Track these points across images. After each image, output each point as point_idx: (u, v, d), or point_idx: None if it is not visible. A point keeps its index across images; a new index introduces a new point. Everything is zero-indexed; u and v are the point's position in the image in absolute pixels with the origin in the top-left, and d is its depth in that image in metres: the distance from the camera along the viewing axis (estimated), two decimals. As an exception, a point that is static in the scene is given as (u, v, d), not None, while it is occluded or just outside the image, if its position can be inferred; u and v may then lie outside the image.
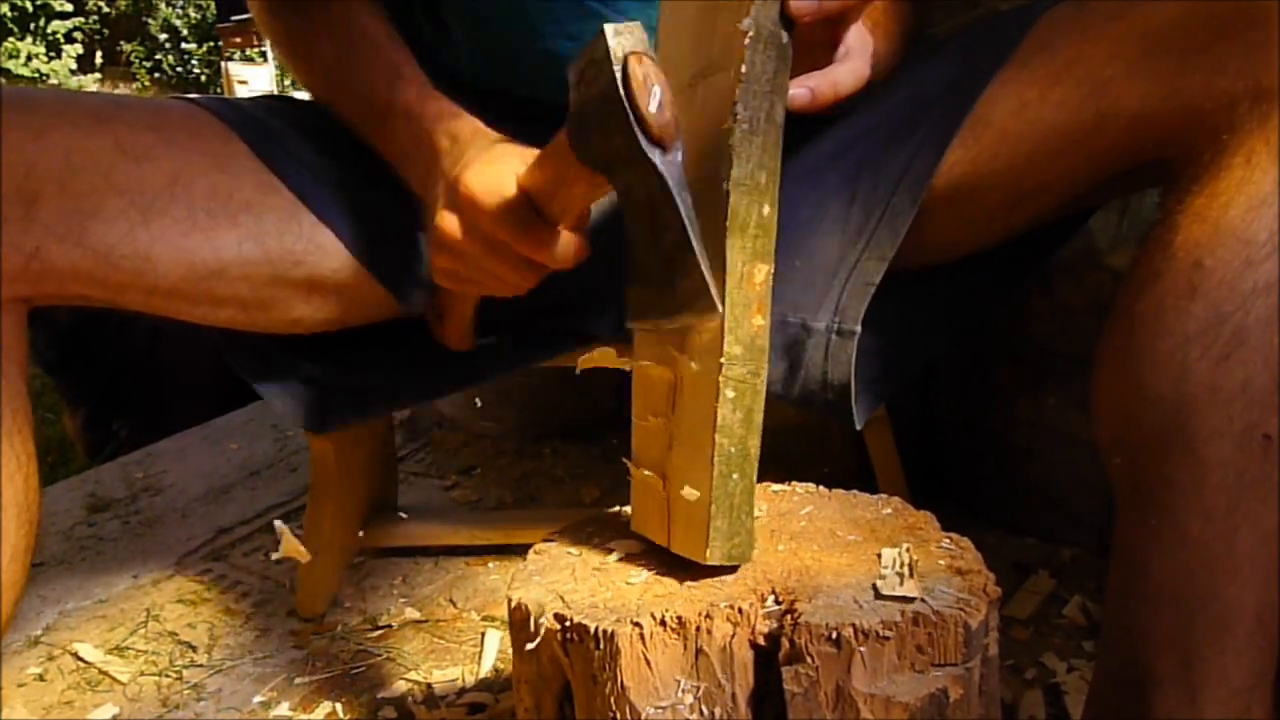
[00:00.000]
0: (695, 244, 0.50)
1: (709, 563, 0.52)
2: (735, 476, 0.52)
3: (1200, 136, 0.58)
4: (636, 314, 0.56)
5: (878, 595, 0.51)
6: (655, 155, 0.50)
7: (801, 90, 0.53)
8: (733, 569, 0.54)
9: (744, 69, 0.50)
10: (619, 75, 0.50)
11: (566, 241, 0.61)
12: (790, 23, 0.51)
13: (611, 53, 0.50)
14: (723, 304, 0.50)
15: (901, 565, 0.53)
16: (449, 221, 0.63)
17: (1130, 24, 0.62)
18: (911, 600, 0.50)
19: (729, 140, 0.50)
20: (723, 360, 0.50)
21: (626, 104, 0.50)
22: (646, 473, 0.57)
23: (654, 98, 0.50)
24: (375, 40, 0.75)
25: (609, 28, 0.51)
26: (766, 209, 0.51)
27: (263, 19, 0.82)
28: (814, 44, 0.55)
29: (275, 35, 0.81)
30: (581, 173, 0.56)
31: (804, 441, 1.22)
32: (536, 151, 0.61)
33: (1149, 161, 0.64)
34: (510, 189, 0.60)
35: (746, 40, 0.50)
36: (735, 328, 0.51)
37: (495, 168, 0.61)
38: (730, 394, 0.51)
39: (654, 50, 0.52)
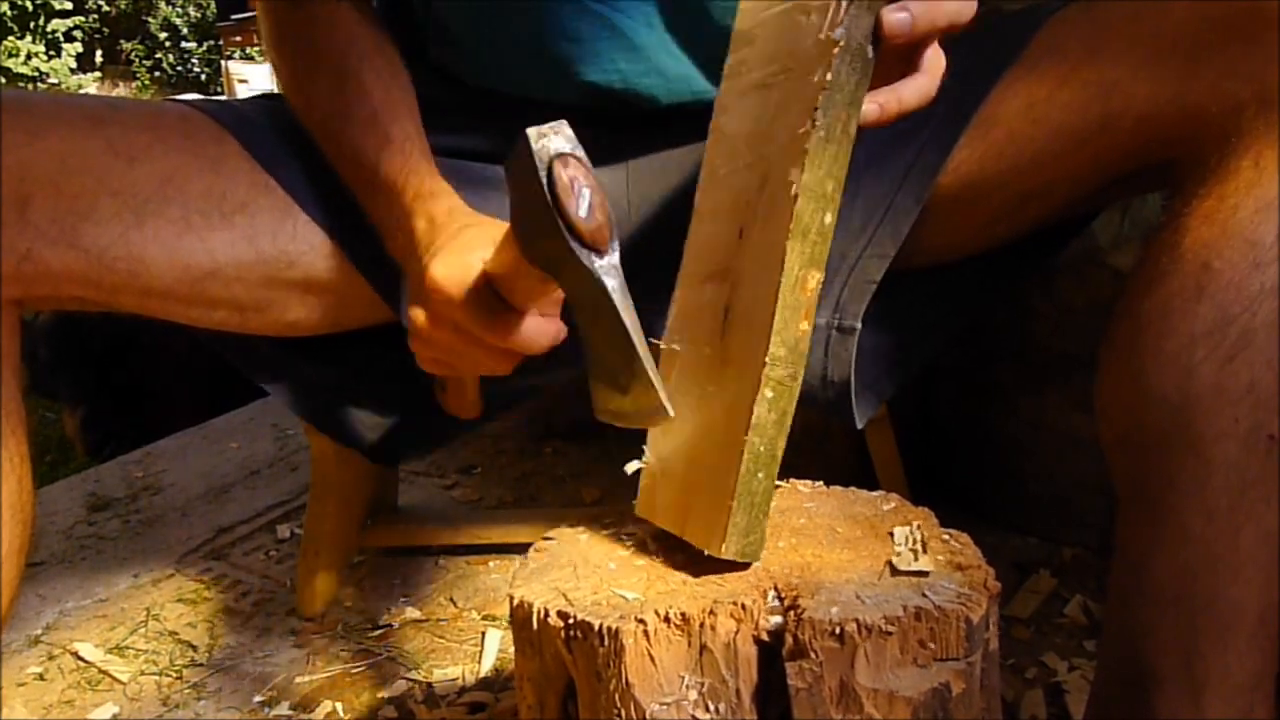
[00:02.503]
0: (639, 348, 0.50)
1: (723, 556, 0.52)
2: (760, 475, 0.52)
3: (1207, 139, 0.58)
4: (599, 409, 0.56)
5: (894, 571, 0.52)
6: (590, 259, 0.50)
7: (871, 106, 0.53)
8: (742, 565, 0.54)
9: (829, 77, 0.50)
10: (544, 181, 0.49)
11: (533, 326, 0.59)
12: (879, 39, 0.51)
13: (535, 157, 0.49)
14: (670, 409, 0.51)
15: (915, 543, 0.54)
16: (418, 315, 0.64)
17: (1139, 27, 0.62)
18: (926, 574, 0.51)
19: (804, 145, 0.50)
20: (766, 360, 0.51)
21: (555, 210, 0.49)
22: (658, 460, 0.57)
23: (582, 202, 0.49)
24: (371, 100, 0.73)
25: (532, 131, 0.50)
26: (829, 218, 0.51)
27: (268, 46, 0.81)
28: (890, 59, 0.55)
29: (277, 68, 0.80)
30: (534, 271, 0.55)
31: (804, 441, 1.22)
32: (504, 230, 0.61)
33: (1154, 164, 0.64)
34: (472, 278, 0.60)
35: (836, 50, 0.50)
36: (782, 330, 0.51)
37: (460, 257, 0.61)
38: (769, 394, 0.51)
39: (579, 150, 0.51)
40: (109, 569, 1.27)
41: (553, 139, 0.50)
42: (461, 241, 0.62)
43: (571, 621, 0.50)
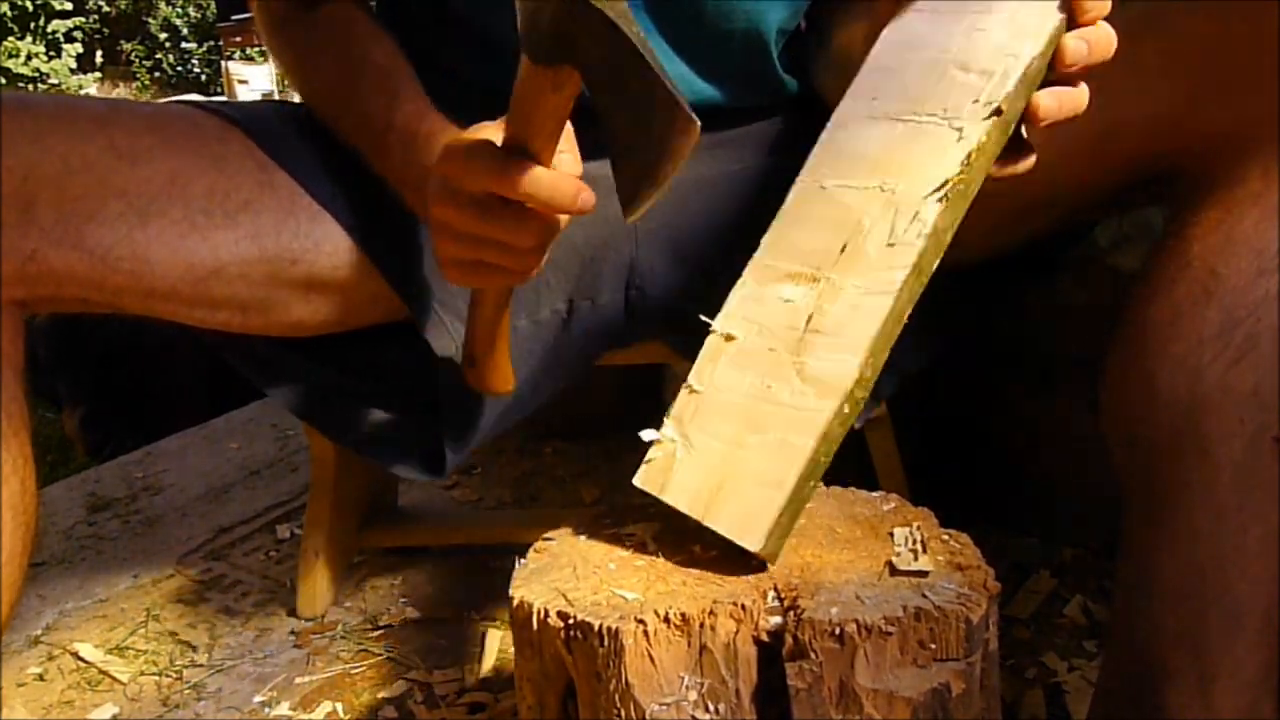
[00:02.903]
0: (652, 62, 0.50)
1: (756, 551, 0.52)
2: (811, 484, 0.53)
3: (1214, 151, 0.59)
4: (629, 197, 0.54)
5: (893, 571, 0.52)
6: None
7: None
8: (737, 564, 0.54)
9: (982, 139, 0.54)
10: None
11: (555, 177, 0.57)
12: (1026, 118, 0.55)
13: None
14: (694, 115, 0.51)
15: (915, 543, 0.54)
16: (437, 203, 0.61)
17: (1148, 38, 0.63)
18: (926, 574, 0.51)
19: (947, 193, 0.54)
20: (855, 377, 0.52)
21: None
22: (683, 437, 0.57)
23: None
24: (377, 63, 0.74)
25: None
26: (936, 262, 0.55)
27: (267, 34, 0.82)
28: None
29: (279, 51, 0.81)
30: (545, 78, 0.54)
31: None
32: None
33: (1159, 175, 0.65)
34: (487, 135, 0.59)
35: (996, 118, 0.53)
36: (875, 356, 0.53)
37: (469, 136, 0.60)
38: (846, 410, 0.53)
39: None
40: (109, 569, 1.27)
41: None
42: (474, 127, 0.62)
43: (571, 622, 0.50)
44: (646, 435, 0.58)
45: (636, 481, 0.58)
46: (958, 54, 0.56)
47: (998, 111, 0.53)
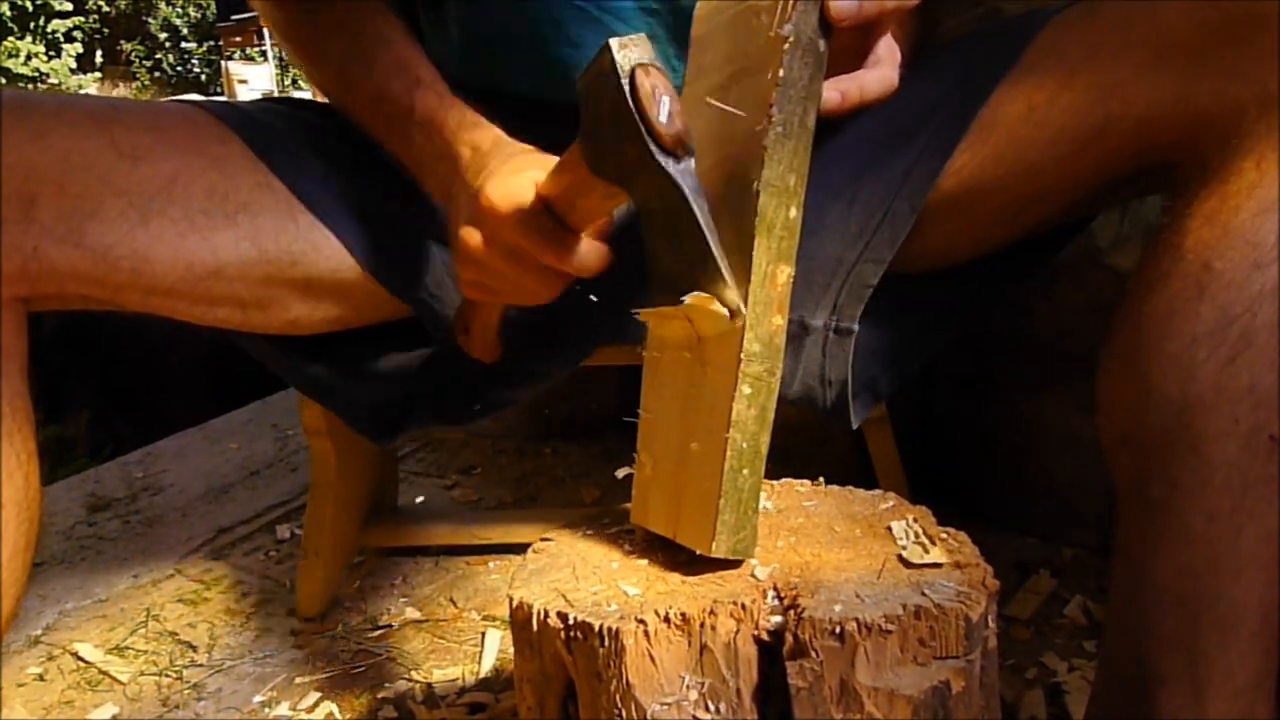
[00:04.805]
0: (715, 250, 0.51)
1: (713, 555, 0.52)
2: (745, 472, 0.52)
3: (1208, 141, 0.58)
4: (663, 291, 0.56)
5: (906, 565, 0.52)
6: (670, 165, 0.51)
7: (832, 94, 0.54)
8: (735, 564, 0.54)
9: (782, 73, 0.50)
10: (627, 88, 0.50)
11: (588, 249, 0.60)
12: (829, 30, 0.51)
13: (618, 66, 0.50)
14: (745, 306, 0.51)
15: (918, 536, 0.54)
16: (471, 235, 0.63)
17: (1140, 29, 0.62)
18: (939, 566, 0.51)
19: (762, 142, 0.50)
20: (741, 357, 0.51)
21: (637, 116, 0.50)
22: (650, 462, 0.58)
23: (663, 108, 0.50)
24: (389, 40, 0.74)
25: (614, 41, 0.51)
26: (794, 211, 0.52)
27: (269, 16, 0.81)
28: (844, 50, 0.55)
29: (283, 33, 0.80)
30: (597, 184, 0.56)
31: (804, 440, 1.22)
32: (553, 159, 0.61)
33: (1155, 167, 0.64)
34: (529, 198, 0.60)
35: (786, 45, 0.50)
36: (756, 326, 0.51)
37: (516, 179, 0.61)
38: (747, 390, 0.51)
39: (658, 62, 0.52)
40: (109, 569, 1.27)
41: (633, 50, 0.51)
42: (514, 165, 0.62)
43: (571, 622, 0.50)
44: (620, 473, 0.60)
45: (633, 520, 0.60)
46: (752, 3, 0.54)
47: (784, 40, 0.50)
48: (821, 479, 0.65)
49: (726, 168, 0.54)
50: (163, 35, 11.21)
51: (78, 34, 10.47)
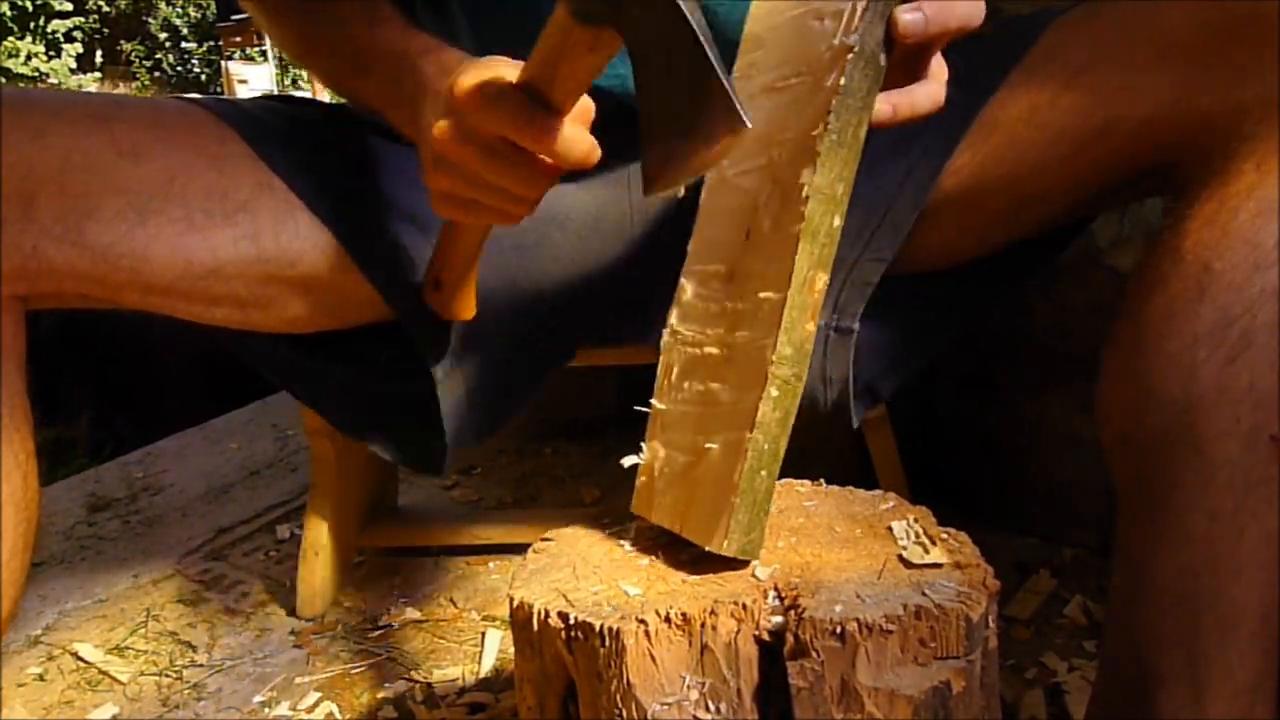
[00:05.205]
0: (715, 60, 0.48)
1: (723, 553, 0.52)
2: (763, 473, 0.53)
3: (1209, 143, 0.58)
4: (655, 174, 0.52)
5: (907, 565, 0.52)
6: None
7: (884, 106, 0.53)
8: (737, 563, 0.54)
9: (843, 82, 0.50)
10: None
11: (572, 132, 0.55)
12: (891, 44, 0.52)
13: None
14: (749, 118, 0.48)
15: (918, 536, 0.54)
16: (443, 130, 0.58)
17: (1141, 31, 0.63)
18: (940, 566, 0.51)
19: (816, 148, 0.51)
20: (774, 359, 0.51)
21: None
22: (658, 454, 0.58)
23: None
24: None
25: None
26: (837, 220, 0.52)
27: None
28: (897, 64, 0.55)
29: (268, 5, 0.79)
30: (583, 38, 0.52)
31: (805, 440, 1.22)
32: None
33: (1156, 169, 0.65)
34: (507, 83, 0.55)
35: (849, 55, 0.50)
36: (790, 330, 0.51)
37: (490, 69, 0.57)
38: (774, 393, 0.52)
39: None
40: (109, 569, 1.27)
41: None
42: (487, 60, 0.58)
43: (572, 622, 0.50)
44: (627, 462, 0.59)
45: (633, 509, 0.59)
46: (815, 6, 0.54)
47: (848, 50, 0.50)
48: (822, 479, 0.65)
49: (773, 170, 0.54)
50: (163, 35, 11.21)
51: (78, 34, 10.47)
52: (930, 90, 0.56)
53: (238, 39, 8.87)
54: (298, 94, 0.83)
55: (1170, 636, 0.56)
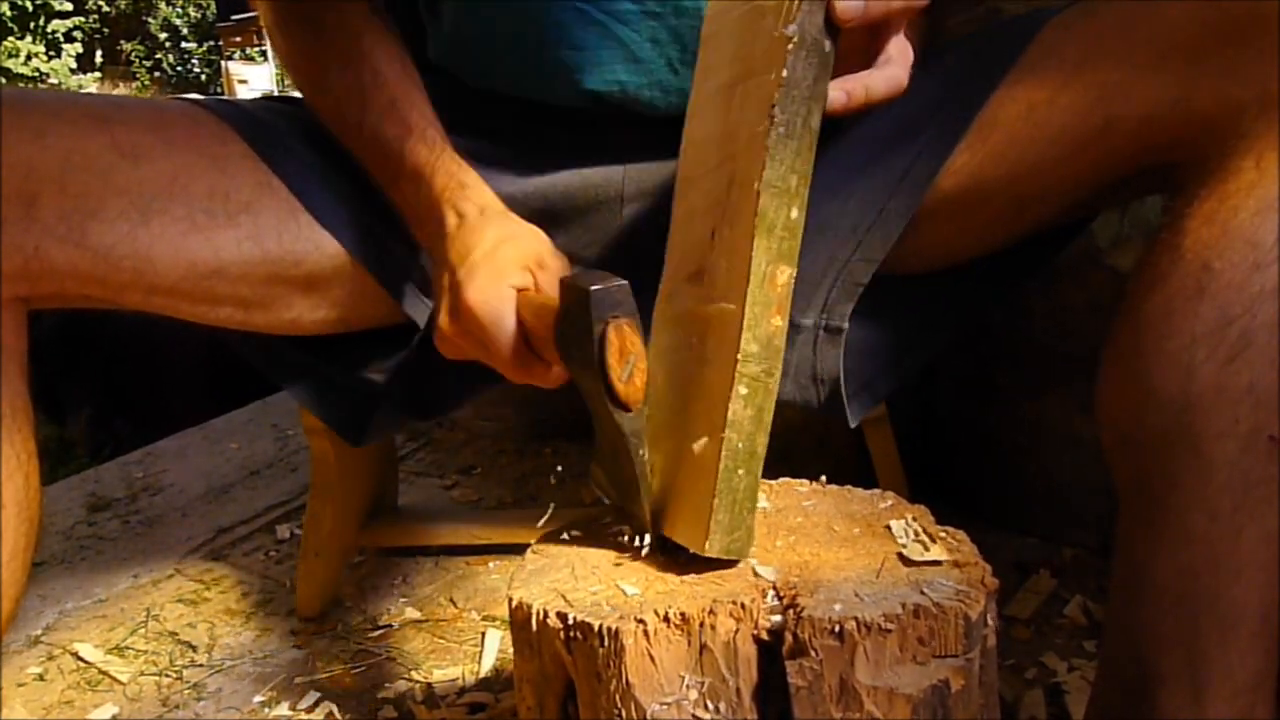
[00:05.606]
0: (642, 488, 0.55)
1: (707, 554, 0.52)
2: (741, 472, 0.52)
3: (1208, 141, 0.58)
4: (595, 480, 0.60)
5: (907, 562, 0.52)
6: (619, 415, 0.54)
7: (837, 94, 0.53)
8: (734, 563, 0.54)
9: (785, 74, 0.50)
10: (596, 343, 0.53)
11: (557, 374, 0.63)
12: (835, 30, 0.51)
13: (593, 315, 0.52)
14: (653, 535, 0.56)
15: (917, 534, 0.54)
16: (450, 326, 0.66)
17: (1139, 30, 0.63)
18: (939, 563, 0.51)
19: (764, 142, 0.50)
20: (739, 357, 0.51)
21: (601, 373, 0.53)
22: (654, 458, 0.58)
23: (626, 369, 0.53)
24: (384, 79, 0.73)
25: (597, 290, 0.52)
26: (794, 212, 0.52)
27: (275, 37, 0.81)
28: (854, 50, 0.55)
29: (287, 56, 0.80)
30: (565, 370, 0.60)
31: (805, 440, 1.22)
32: (537, 251, 0.65)
33: (1155, 167, 0.64)
34: (508, 320, 0.62)
35: (790, 46, 0.50)
36: (754, 326, 0.51)
37: (496, 285, 0.63)
38: (743, 390, 0.51)
39: (634, 315, 0.54)
40: (109, 569, 1.27)
41: (609, 295, 0.53)
42: (497, 264, 0.64)
43: (571, 622, 0.50)
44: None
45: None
46: (759, 2, 0.54)
47: (788, 40, 0.50)
48: (822, 478, 0.65)
49: (729, 168, 0.54)
50: (163, 35, 11.21)
51: (78, 34, 10.46)
52: (888, 74, 0.56)
53: (238, 39, 8.87)
54: (298, 94, 0.83)
55: (1170, 636, 0.56)
